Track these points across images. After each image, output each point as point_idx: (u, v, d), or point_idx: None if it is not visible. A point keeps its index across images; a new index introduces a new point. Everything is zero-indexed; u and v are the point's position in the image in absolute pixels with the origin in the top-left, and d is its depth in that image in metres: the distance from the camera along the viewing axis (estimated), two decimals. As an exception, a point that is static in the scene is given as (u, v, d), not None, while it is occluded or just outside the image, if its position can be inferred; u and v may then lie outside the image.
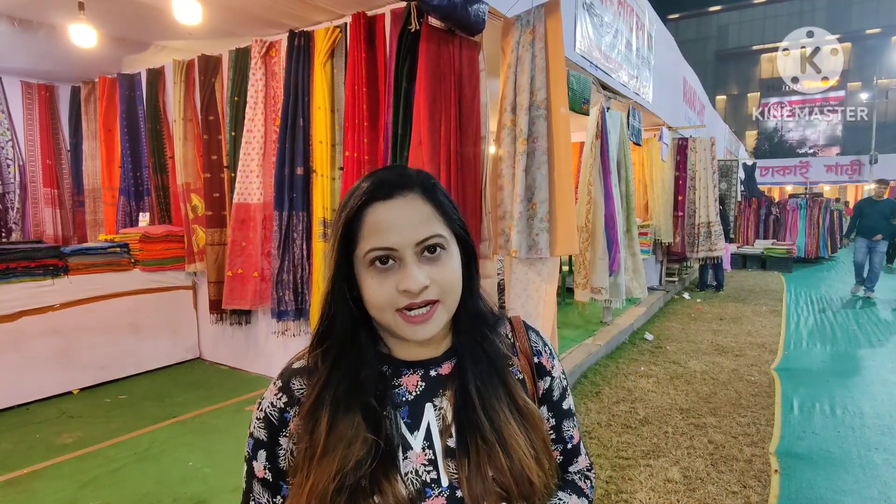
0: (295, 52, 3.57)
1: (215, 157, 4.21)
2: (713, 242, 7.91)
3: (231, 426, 3.32)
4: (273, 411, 0.80)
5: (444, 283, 0.74)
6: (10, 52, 4.54)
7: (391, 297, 0.72)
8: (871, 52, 34.53)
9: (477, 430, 0.75)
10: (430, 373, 0.81)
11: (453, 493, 0.74)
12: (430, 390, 0.80)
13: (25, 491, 2.58)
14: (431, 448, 0.76)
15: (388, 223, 0.72)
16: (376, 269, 0.73)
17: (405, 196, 0.74)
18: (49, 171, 5.61)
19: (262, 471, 0.81)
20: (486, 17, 2.92)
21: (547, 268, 3.14)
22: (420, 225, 0.73)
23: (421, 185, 0.76)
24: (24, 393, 3.63)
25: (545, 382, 0.87)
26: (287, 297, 3.68)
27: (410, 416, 0.78)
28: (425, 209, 0.74)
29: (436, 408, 0.79)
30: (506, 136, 3.13)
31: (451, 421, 0.77)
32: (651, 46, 6.49)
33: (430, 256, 0.73)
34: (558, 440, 0.90)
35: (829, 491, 2.71)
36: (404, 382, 0.80)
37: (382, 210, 0.73)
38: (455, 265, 0.76)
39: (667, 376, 4.44)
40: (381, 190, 0.74)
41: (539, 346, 0.89)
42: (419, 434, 0.77)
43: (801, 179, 24.06)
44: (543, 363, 0.88)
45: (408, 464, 0.75)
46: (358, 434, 0.72)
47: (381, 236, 0.72)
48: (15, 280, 3.53)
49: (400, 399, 0.79)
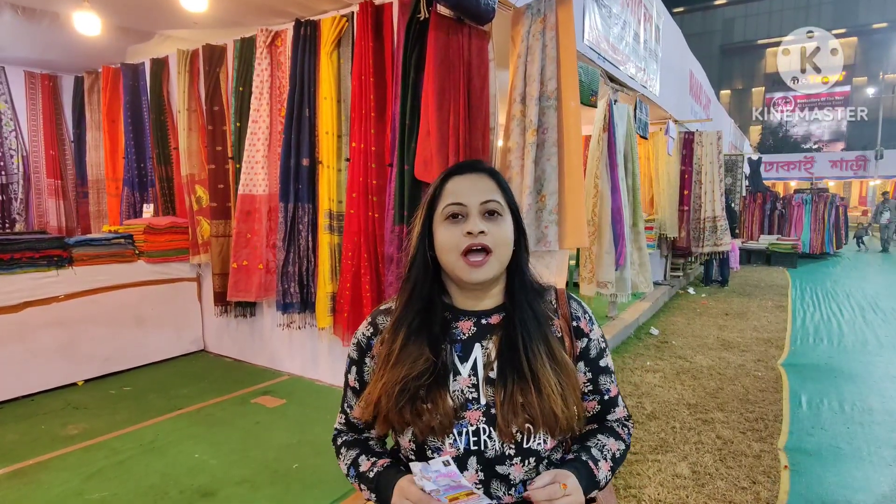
0: (301, 41, 3.52)
1: (220, 148, 4.18)
2: (718, 237, 7.87)
3: (236, 418, 3.31)
4: (363, 339, 1.08)
5: (497, 237, 0.98)
6: (14, 41, 4.50)
7: (458, 240, 0.96)
8: (877, 46, 34.24)
9: (516, 369, 0.95)
10: (481, 321, 1.03)
11: (489, 409, 0.95)
12: (479, 334, 1.01)
13: (31, 482, 2.57)
14: (475, 375, 0.98)
15: (462, 188, 1.00)
16: (450, 221, 0.99)
17: (477, 173, 1.03)
18: (52, 161, 5.58)
19: (353, 381, 1.09)
20: (495, 6, 2.87)
21: (556, 261, 3.11)
22: (485, 192, 1.00)
23: (489, 171, 1.04)
24: (29, 384, 3.62)
25: (582, 343, 1.06)
26: (292, 290, 3.66)
27: (462, 350, 1.00)
28: (490, 184, 1.01)
29: (483, 347, 1.00)
30: (515, 127, 3.09)
31: (495, 359, 0.98)
32: (658, 39, 6.42)
33: (489, 217, 0.99)
34: (595, 391, 1.08)
35: (839, 487, 2.68)
36: (461, 326, 1.03)
37: (459, 180, 1.02)
38: (508, 228, 1.00)
39: (673, 371, 4.42)
40: (460, 169, 1.04)
41: (579, 312, 1.08)
42: (467, 365, 0.99)
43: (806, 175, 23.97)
44: (581, 326, 1.06)
45: (455, 384, 0.97)
46: (422, 353, 0.96)
47: (456, 196, 0.99)
48: (20, 271, 3.51)
49: (455, 337, 1.01)
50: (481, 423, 0.94)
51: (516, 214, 1.03)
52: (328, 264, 3.51)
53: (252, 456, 2.83)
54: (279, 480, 2.58)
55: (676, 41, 7.83)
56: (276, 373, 4.11)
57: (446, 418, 0.93)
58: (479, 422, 0.94)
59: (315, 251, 3.64)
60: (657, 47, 6.38)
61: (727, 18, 40.30)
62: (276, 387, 3.84)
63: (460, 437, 0.94)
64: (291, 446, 2.93)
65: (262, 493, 2.48)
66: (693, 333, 5.69)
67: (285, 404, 3.51)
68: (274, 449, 2.90)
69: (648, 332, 5.61)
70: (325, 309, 3.52)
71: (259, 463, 2.76)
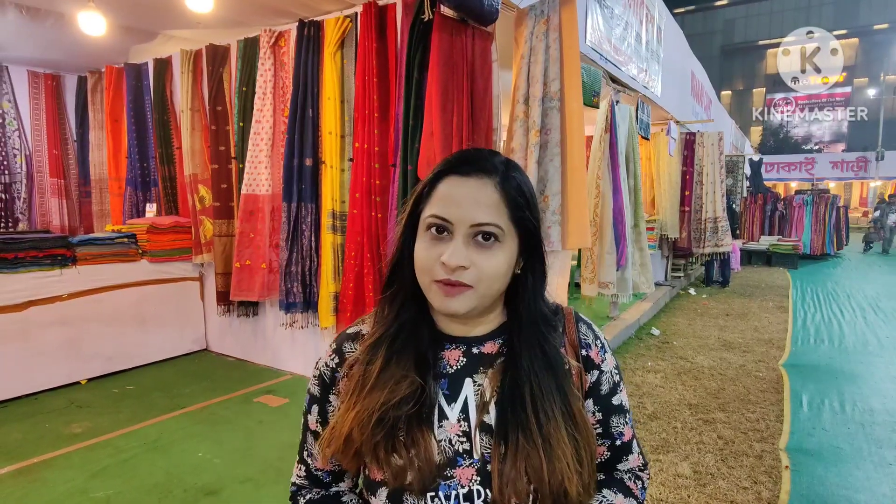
0: (304, 42, 3.53)
1: (223, 148, 4.19)
2: (720, 238, 7.87)
3: (239, 417, 3.32)
4: (326, 370, 0.86)
5: (483, 272, 0.74)
6: (18, 40, 4.51)
7: (432, 263, 0.74)
8: (878, 47, 34.22)
9: (520, 428, 0.74)
10: (472, 349, 0.82)
11: (484, 466, 0.75)
12: (470, 366, 0.81)
13: (36, 480, 2.58)
14: (467, 420, 0.77)
15: (456, 197, 0.75)
16: (431, 234, 0.76)
17: (481, 179, 0.76)
18: (55, 161, 5.59)
19: (315, 423, 0.88)
20: (499, 7, 2.88)
21: (558, 261, 3.12)
22: (483, 209, 0.75)
23: (501, 174, 0.77)
24: (32, 383, 3.63)
25: (592, 376, 0.85)
26: (295, 289, 3.67)
27: (450, 388, 0.80)
28: (494, 197, 0.76)
29: (475, 383, 0.80)
30: (518, 127, 3.10)
31: (490, 399, 0.78)
32: (660, 40, 6.43)
33: (481, 242, 0.75)
34: (605, 435, 0.87)
35: (840, 487, 2.69)
36: (446, 356, 0.82)
37: (456, 183, 0.76)
38: (503, 259, 0.76)
39: (674, 371, 4.43)
40: (463, 166, 0.78)
41: (589, 339, 0.87)
42: (456, 406, 0.78)
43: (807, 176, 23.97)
44: (592, 356, 0.85)
45: (442, 432, 0.77)
46: (406, 376, 0.76)
47: (444, 206, 0.75)
48: (23, 270, 3.52)
49: (440, 370, 0.80)
50: (475, 483, 0.75)
51: (531, 233, 0.79)
52: (331, 264, 3.52)
53: (255, 455, 2.84)
54: (282, 479, 2.59)
55: (678, 42, 7.84)
56: (278, 372, 4.12)
57: (427, 468, 0.73)
58: (473, 482, 0.75)
59: (318, 251, 3.65)
60: (659, 48, 6.39)
61: (728, 19, 40.31)
62: (278, 386, 3.85)
63: (448, 503, 0.74)
64: (294, 445, 2.93)
65: (265, 492, 2.50)
66: (694, 334, 5.69)
67: (288, 403, 3.52)
68: (277, 448, 2.91)
69: (649, 333, 5.62)
70: (327, 309, 3.53)
71: (262, 462, 2.77)
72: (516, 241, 0.78)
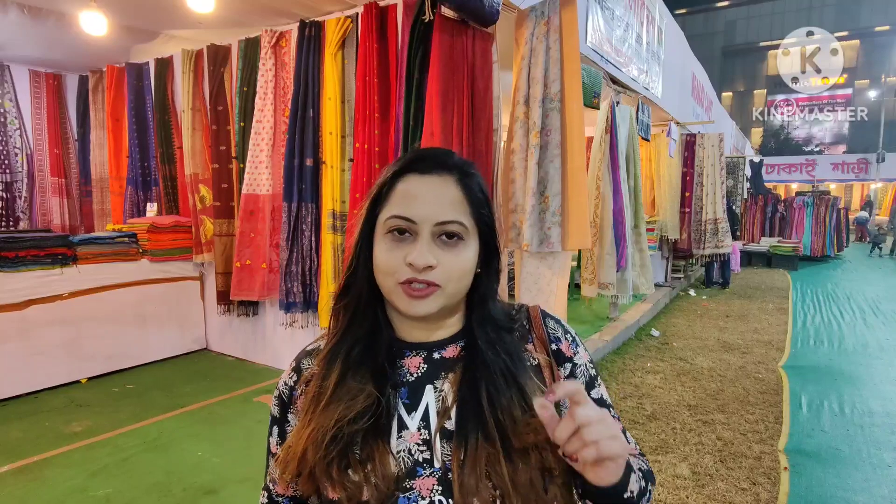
0: (305, 42, 3.54)
1: (224, 148, 4.20)
2: (720, 239, 7.88)
3: (239, 417, 3.32)
4: (285, 389, 0.83)
5: (450, 271, 0.73)
6: (19, 40, 4.52)
7: (397, 266, 0.72)
8: (879, 49, 34.22)
9: (479, 428, 0.71)
10: (433, 355, 0.79)
11: (445, 475, 0.71)
12: (432, 372, 0.78)
13: (35, 479, 2.59)
14: (427, 429, 0.74)
15: (417, 195, 0.73)
16: (392, 236, 0.73)
17: (442, 176, 0.74)
18: (56, 160, 5.60)
19: (275, 446, 0.83)
20: (499, 8, 2.89)
21: (558, 262, 3.13)
22: (446, 207, 0.73)
23: (460, 171, 0.76)
24: (32, 381, 3.64)
25: (566, 369, 0.81)
26: (295, 289, 3.68)
27: (410, 396, 0.76)
28: (457, 194, 0.74)
29: (436, 389, 0.77)
30: (518, 128, 3.11)
31: (452, 403, 0.75)
32: (661, 41, 6.44)
33: (446, 241, 0.73)
34: None
35: (838, 489, 2.70)
36: (406, 364, 0.79)
37: (415, 182, 0.74)
38: (467, 257, 0.74)
39: (674, 373, 4.43)
40: (421, 163, 0.75)
41: (558, 332, 0.83)
42: (416, 415, 0.75)
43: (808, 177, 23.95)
44: (563, 349, 0.82)
45: (402, 443, 0.74)
46: (363, 389, 0.73)
47: (406, 206, 0.73)
48: (24, 268, 3.53)
49: (400, 379, 0.77)
50: (436, 494, 0.71)
51: (491, 230, 0.78)
52: (331, 264, 3.53)
53: (254, 454, 2.85)
54: (282, 478, 2.59)
55: (678, 43, 7.84)
56: (278, 372, 4.11)
57: (384, 483, 0.70)
58: (434, 492, 0.71)
59: (318, 251, 3.66)
60: (659, 49, 6.39)
61: (729, 20, 40.30)
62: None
63: None
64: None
65: (265, 491, 2.50)
66: (694, 335, 5.70)
67: (288, 403, 3.52)
68: (277, 447, 2.92)
69: (649, 334, 5.62)
70: (327, 308, 3.54)
71: (261, 461, 2.75)
72: (477, 239, 0.76)
